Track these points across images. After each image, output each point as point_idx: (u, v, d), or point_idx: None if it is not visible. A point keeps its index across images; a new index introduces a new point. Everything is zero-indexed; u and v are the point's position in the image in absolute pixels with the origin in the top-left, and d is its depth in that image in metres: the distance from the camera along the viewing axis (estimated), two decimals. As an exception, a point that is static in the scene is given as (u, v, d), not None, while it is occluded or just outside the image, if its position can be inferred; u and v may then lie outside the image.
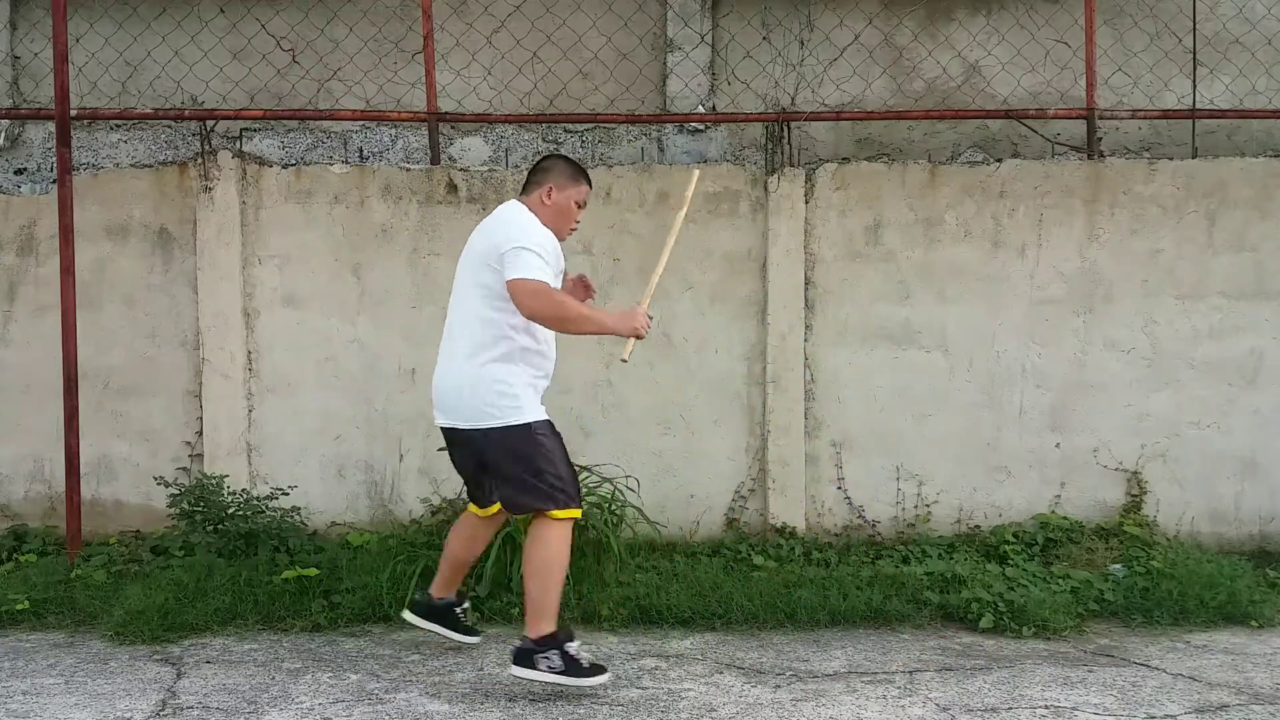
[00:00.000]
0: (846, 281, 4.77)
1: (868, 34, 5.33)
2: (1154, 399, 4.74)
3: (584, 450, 4.57)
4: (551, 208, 3.25)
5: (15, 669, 3.48)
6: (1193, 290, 4.74)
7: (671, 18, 5.30)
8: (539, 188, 3.27)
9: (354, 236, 4.77)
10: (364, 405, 4.77)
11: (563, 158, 3.38)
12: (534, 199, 3.27)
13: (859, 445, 4.77)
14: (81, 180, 4.77)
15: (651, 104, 5.35)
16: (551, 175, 3.28)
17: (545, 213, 3.24)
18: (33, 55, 5.38)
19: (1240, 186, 4.73)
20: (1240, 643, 3.79)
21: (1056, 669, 3.46)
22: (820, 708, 3.10)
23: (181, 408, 4.81)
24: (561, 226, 3.28)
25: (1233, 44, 5.30)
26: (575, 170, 3.32)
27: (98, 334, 4.77)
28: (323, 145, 5.38)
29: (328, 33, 5.36)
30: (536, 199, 3.26)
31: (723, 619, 3.93)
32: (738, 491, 4.78)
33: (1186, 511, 4.74)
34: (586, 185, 3.34)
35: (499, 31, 5.29)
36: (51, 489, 4.81)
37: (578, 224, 3.35)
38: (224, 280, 4.74)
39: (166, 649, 3.68)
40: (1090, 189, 4.74)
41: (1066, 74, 5.29)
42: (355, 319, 4.78)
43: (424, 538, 4.26)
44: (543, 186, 3.27)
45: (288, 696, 3.19)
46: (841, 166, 4.79)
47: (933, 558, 4.40)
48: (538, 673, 3.09)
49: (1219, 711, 3.09)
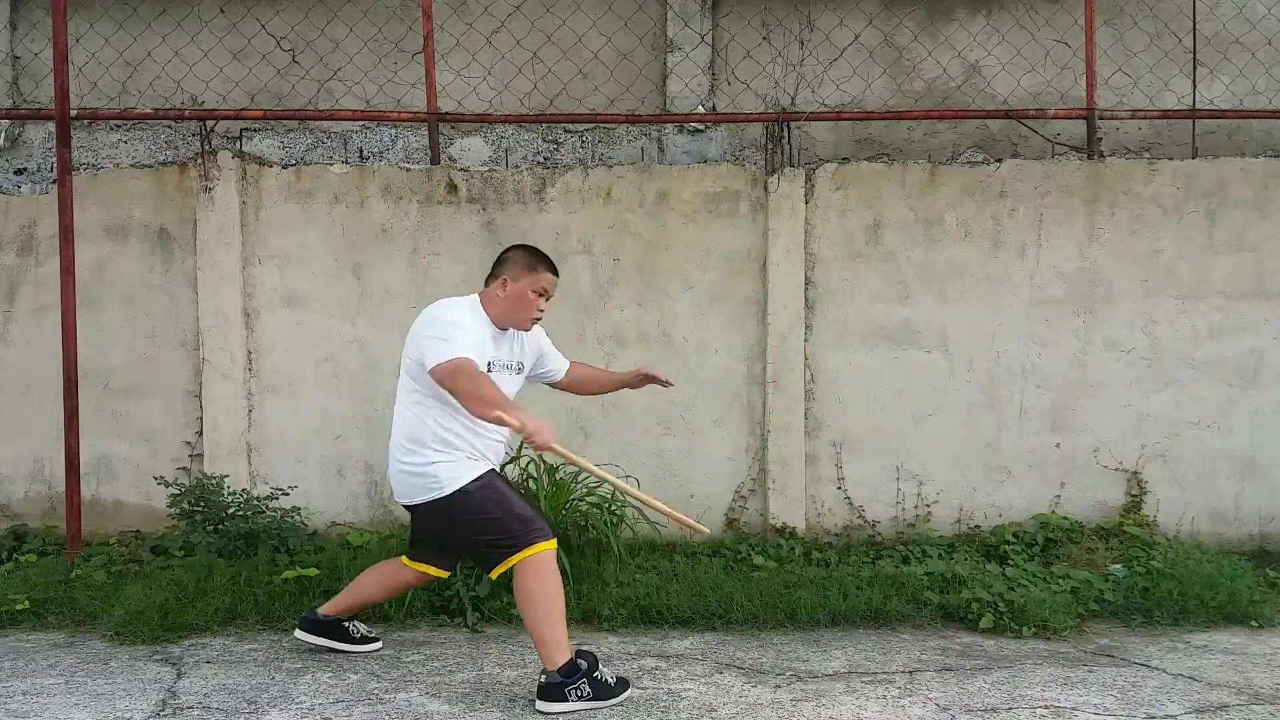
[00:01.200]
0: (846, 281, 4.77)
1: (868, 34, 5.33)
2: (1154, 399, 4.74)
3: (584, 450, 4.57)
4: (507, 299, 3.27)
5: (15, 669, 3.48)
6: (1193, 290, 4.74)
7: (671, 18, 5.31)
8: (496, 280, 3.31)
9: (354, 236, 4.77)
10: (364, 405, 4.77)
11: (522, 247, 3.39)
12: (490, 291, 3.30)
13: (859, 445, 4.77)
14: (81, 180, 4.77)
15: (651, 104, 5.35)
16: (507, 266, 3.30)
17: (503, 304, 3.27)
18: (33, 55, 5.39)
19: (1240, 186, 4.73)
20: (1240, 643, 3.79)
21: (1056, 669, 3.46)
22: (820, 708, 3.10)
23: (181, 408, 4.81)
24: (522, 317, 3.30)
25: (1233, 44, 5.30)
26: (533, 259, 3.32)
27: (98, 334, 4.77)
28: (323, 145, 5.38)
29: (328, 33, 5.36)
30: (493, 291, 3.30)
31: (723, 619, 3.93)
32: (738, 491, 4.78)
33: (1186, 511, 4.74)
34: (547, 273, 3.32)
35: (499, 31, 5.29)
36: (51, 489, 4.81)
37: (542, 312, 3.34)
38: (224, 280, 4.75)
39: (166, 649, 3.68)
40: (1090, 189, 4.74)
41: (1066, 74, 5.29)
42: (355, 319, 4.78)
43: (424, 538, 4.26)
44: (499, 278, 3.30)
45: (288, 696, 3.19)
46: (841, 166, 4.79)
47: (933, 558, 4.40)
48: (570, 704, 3.03)
49: (1219, 711, 3.09)
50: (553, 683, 3.05)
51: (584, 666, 3.08)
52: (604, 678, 3.10)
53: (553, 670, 3.05)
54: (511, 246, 3.43)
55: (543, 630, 3.07)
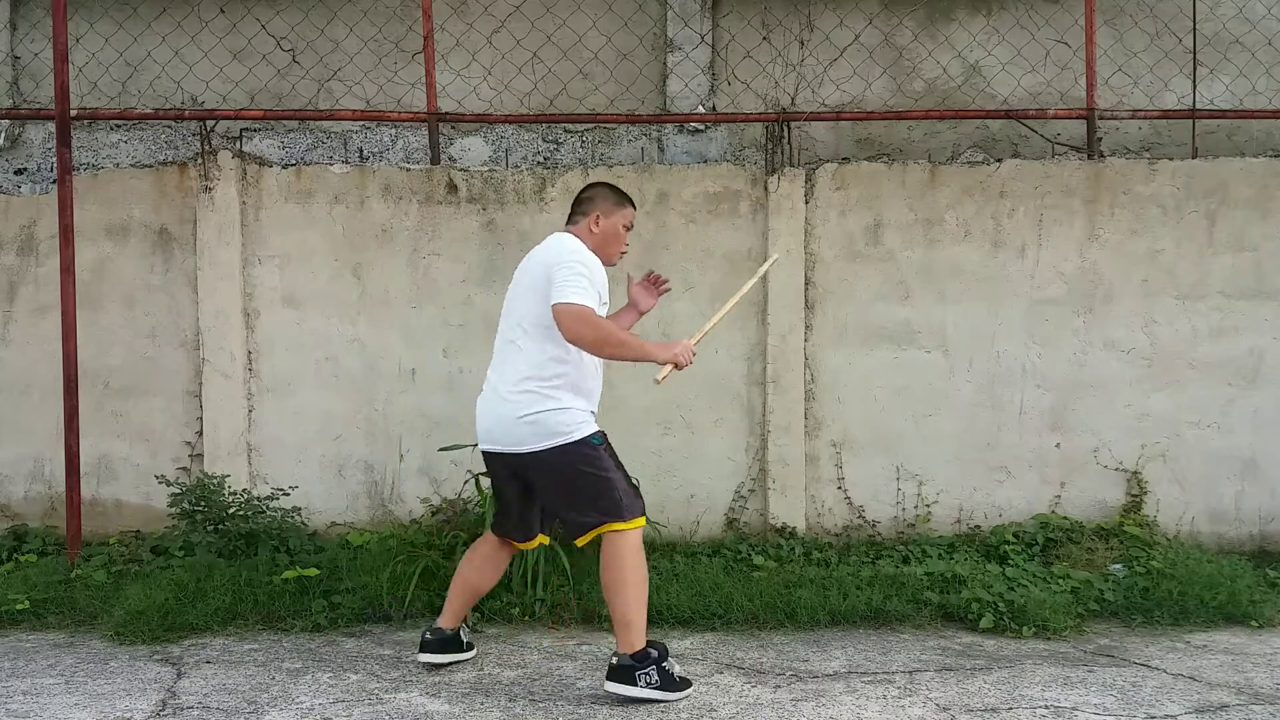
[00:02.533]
0: (846, 281, 4.77)
1: (868, 34, 5.33)
2: (1154, 399, 4.74)
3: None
4: (600, 235, 3.31)
5: (15, 669, 3.48)
6: (1193, 290, 4.74)
7: (671, 18, 5.31)
8: (585, 217, 3.32)
9: (354, 236, 4.77)
10: (364, 405, 4.77)
11: (605, 185, 3.43)
12: (581, 228, 3.32)
13: (859, 445, 4.77)
14: (81, 180, 4.77)
15: (651, 104, 5.35)
16: (596, 203, 3.34)
17: (594, 240, 3.30)
18: (33, 55, 5.39)
19: (1240, 186, 4.73)
20: (1240, 643, 3.78)
21: (1056, 669, 3.46)
22: (820, 708, 3.10)
23: (181, 408, 4.81)
24: (612, 252, 3.35)
25: (1233, 44, 5.30)
26: (619, 195, 3.38)
27: (98, 334, 4.77)
28: (323, 145, 5.38)
29: (328, 33, 5.36)
30: (585, 228, 3.31)
31: (723, 619, 3.93)
32: (738, 491, 4.78)
33: (1186, 511, 4.74)
34: (631, 208, 3.40)
35: (499, 31, 5.29)
36: (51, 489, 4.81)
37: (627, 247, 3.42)
38: (224, 280, 4.75)
39: (167, 649, 3.68)
40: (1090, 189, 4.74)
41: (1066, 74, 5.29)
42: (355, 319, 4.78)
43: (424, 538, 4.26)
44: (589, 215, 3.32)
45: (288, 696, 3.19)
46: (841, 166, 4.79)
47: (933, 558, 4.40)
48: (637, 689, 3.07)
49: (1219, 711, 3.09)
50: (624, 665, 3.09)
51: (655, 655, 3.12)
52: (672, 670, 3.15)
53: (627, 653, 3.09)
54: (590, 185, 3.44)
55: (630, 612, 3.09)
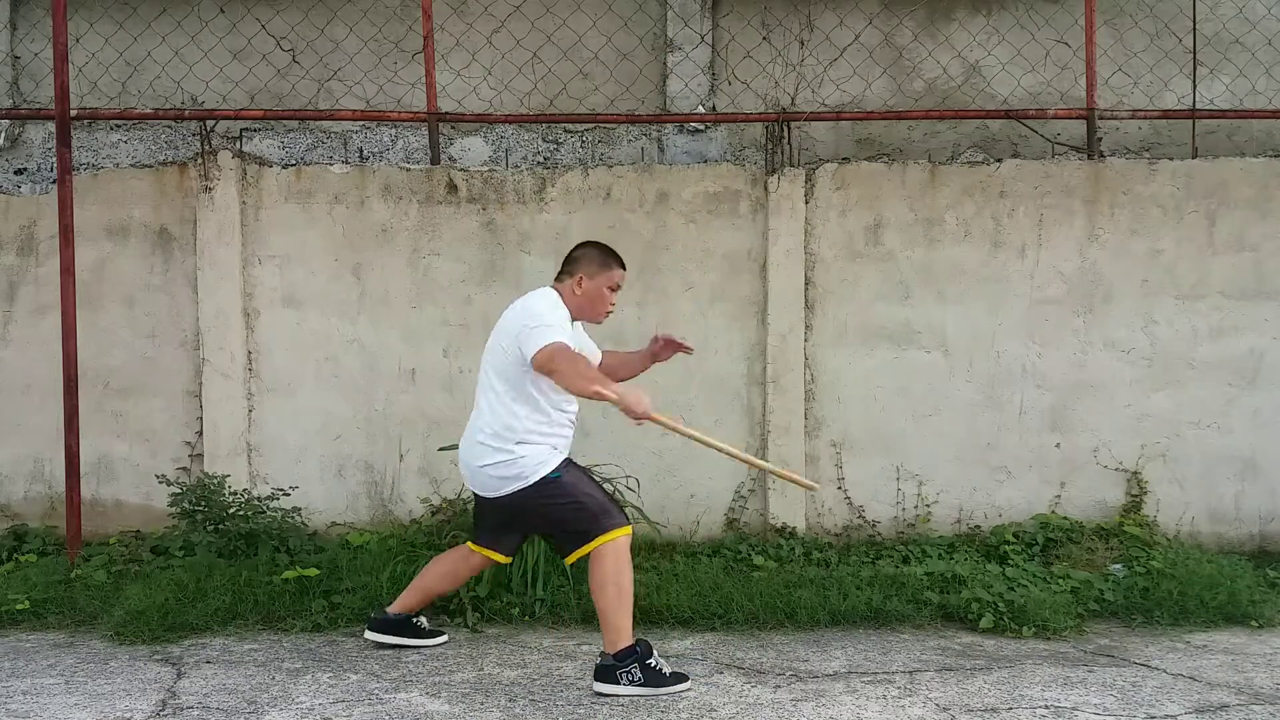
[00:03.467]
0: (846, 281, 4.77)
1: (868, 34, 5.33)
2: (1154, 399, 4.74)
3: (584, 450, 4.55)
4: (582, 296, 3.40)
5: (15, 669, 3.48)
6: (1193, 290, 4.74)
7: (671, 18, 5.31)
8: (570, 277, 3.41)
9: (354, 236, 4.77)
10: (364, 405, 4.77)
11: (593, 245, 3.50)
12: (566, 287, 3.41)
13: (859, 445, 4.77)
14: (81, 180, 4.77)
15: (651, 104, 5.35)
16: (581, 265, 3.41)
17: (576, 301, 3.39)
18: (33, 55, 5.39)
19: (1240, 186, 4.73)
20: (1240, 643, 3.79)
21: (1056, 669, 3.46)
22: (820, 708, 3.10)
23: (181, 408, 4.81)
24: (596, 312, 3.44)
25: (1233, 44, 5.30)
26: (606, 257, 3.44)
27: (98, 334, 4.77)
28: (323, 145, 5.38)
29: (328, 33, 5.36)
30: (569, 288, 3.40)
31: (723, 619, 3.93)
32: (738, 491, 4.78)
33: (1186, 511, 4.74)
34: (619, 270, 3.45)
35: (499, 31, 5.29)
36: (51, 489, 4.81)
37: (613, 306, 3.47)
38: (224, 280, 4.75)
39: (166, 649, 3.68)
40: (1090, 189, 4.74)
41: (1066, 74, 5.29)
42: (355, 319, 4.78)
43: (424, 538, 4.27)
44: (574, 276, 3.40)
45: (288, 696, 3.19)
46: (841, 166, 4.79)
47: (933, 558, 4.40)
48: (620, 687, 3.19)
49: (1219, 711, 3.09)
50: (606, 665, 3.22)
51: (638, 652, 3.20)
52: (658, 666, 3.22)
53: (610, 653, 3.21)
54: (580, 245, 3.53)
55: (613, 616, 3.21)
